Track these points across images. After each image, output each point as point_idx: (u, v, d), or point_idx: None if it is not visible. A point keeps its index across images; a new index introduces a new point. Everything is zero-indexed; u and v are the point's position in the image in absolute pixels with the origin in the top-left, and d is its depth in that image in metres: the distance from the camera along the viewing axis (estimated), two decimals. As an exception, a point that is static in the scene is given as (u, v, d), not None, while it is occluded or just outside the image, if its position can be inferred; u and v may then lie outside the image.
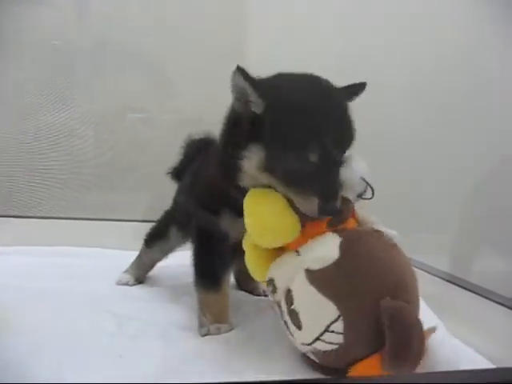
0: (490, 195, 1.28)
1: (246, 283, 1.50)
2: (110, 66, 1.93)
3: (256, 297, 1.44)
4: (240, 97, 0.93)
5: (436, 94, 1.47)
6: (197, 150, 1.40)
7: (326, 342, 0.84)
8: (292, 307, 0.88)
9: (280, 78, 0.96)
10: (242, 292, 1.50)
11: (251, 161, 0.91)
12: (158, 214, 1.87)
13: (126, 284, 1.48)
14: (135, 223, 1.87)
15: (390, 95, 1.62)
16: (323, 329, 0.83)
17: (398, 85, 1.62)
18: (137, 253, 1.83)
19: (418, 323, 0.79)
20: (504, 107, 1.24)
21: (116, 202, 1.93)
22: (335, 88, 0.94)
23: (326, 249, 0.86)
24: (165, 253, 1.52)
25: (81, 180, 1.92)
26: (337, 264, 0.84)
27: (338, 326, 0.82)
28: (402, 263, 0.87)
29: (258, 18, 1.99)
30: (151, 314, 1.20)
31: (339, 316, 0.82)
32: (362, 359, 0.83)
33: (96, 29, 1.92)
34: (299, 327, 0.87)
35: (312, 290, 0.84)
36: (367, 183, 0.90)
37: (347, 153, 0.91)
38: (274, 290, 0.92)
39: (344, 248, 0.85)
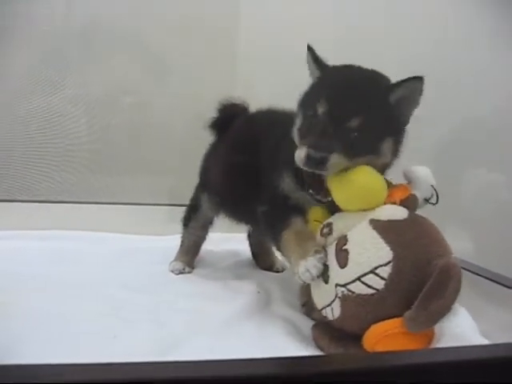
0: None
1: (264, 259, 1.56)
2: (102, 48, 1.90)
3: (275, 273, 1.49)
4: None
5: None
6: (234, 114, 1.45)
7: (366, 285, 0.87)
8: (344, 247, 0.92)
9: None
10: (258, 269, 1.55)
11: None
12: (152, 197, 1.88)
13: (183, 271, 1.47)
14: (129, 206, 1.88)
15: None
16: (370, 269, 0.87)
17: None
18: (132, 236, 1.84)
19: (458, 282, 0.82)
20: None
21: (110, 185, 1.93)
22: (368, 76, 1.02)
23: (396, 210, 0.95)
24: (202, 227, 1.53)
25: (74, 164, 1.90)
26: (403, 221, 0.92)
27: (385, 271, 0.86)
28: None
29: (253, 1, 1.98)
30: (146, 297, 1.21)
31: (390, 261, 0.86)
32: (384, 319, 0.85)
33: (87, 11, 1.89)
34: (343, 265, 0.90)
35: (373, 233, 0.90)
36: (435, 190, 1.01)
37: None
38: (329, 233, 0.97)
39: (412, 214, 0.95)
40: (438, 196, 1.00)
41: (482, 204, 1.37)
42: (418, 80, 0.94)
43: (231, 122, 1.42)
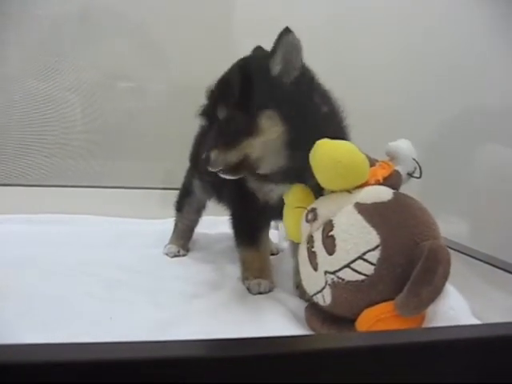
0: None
1: None
2: (99, 33, 1.88)
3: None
4: None
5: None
6: None
7: (355, 271, 0.85)
8: (330, 233, 0.90)
9: None
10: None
11: None
12: (147, 181, 1.88)
13: (177, 254, 1.48)
14: (124, 190, 1.88)
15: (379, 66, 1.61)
16: (358, 255, 0.85)
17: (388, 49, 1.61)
18: (127, 219, 1.84)
19: (447, 265, 0.81)
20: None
21: (105, 169, 1.93)
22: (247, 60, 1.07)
23: (380, 191, 0.94)
24: (196, 211, 1.55)
25: (70, 148, 1.90)
26: (388, 203, 0.91)
27: (374, 256, 0.85)
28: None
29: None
30: (141, 280, 1.21)
31: (378, 246, 0.85)
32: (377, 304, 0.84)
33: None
34: (331, 252, 0.89)
35: (358, 217, 0.88)
36: (418, 164, 0.99)
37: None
38: (314, 218, 0.95)
39: (397, 195, 0.94)
40: (421, 169, 0.99)
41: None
42: (286, 32, 0.95)
43: None
